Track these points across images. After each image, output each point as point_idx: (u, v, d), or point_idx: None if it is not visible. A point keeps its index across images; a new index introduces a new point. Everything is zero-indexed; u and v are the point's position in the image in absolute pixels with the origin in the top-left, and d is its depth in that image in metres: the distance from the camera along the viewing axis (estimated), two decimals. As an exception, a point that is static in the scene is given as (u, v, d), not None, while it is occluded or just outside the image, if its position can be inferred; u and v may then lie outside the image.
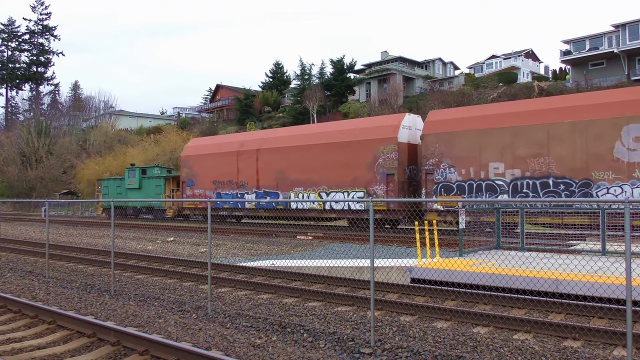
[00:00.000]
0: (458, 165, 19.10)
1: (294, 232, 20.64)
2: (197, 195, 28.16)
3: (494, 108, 20.55)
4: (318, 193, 23.12)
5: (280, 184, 24.54)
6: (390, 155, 20.80)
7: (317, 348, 6.16)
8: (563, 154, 16.92)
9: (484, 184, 18.51)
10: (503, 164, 18.11)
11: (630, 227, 4.71)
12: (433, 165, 19.71)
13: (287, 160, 24.23)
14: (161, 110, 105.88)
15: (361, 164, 21.57)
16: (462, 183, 18.99)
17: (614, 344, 6.28)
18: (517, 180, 17.82)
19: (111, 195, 35.46)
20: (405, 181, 21.01)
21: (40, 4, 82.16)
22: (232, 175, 26.71)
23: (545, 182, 17.23)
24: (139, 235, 21.75)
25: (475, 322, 7.32)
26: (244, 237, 19.88)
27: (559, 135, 17.04)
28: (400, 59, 59.22)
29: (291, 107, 57.48)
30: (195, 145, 30.28)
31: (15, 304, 8.01)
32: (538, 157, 17.39)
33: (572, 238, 16.03)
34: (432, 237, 12.67)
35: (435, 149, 19.65)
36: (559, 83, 47.76)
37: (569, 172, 16.82)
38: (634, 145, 15.74)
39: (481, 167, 18.57)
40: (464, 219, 11.90)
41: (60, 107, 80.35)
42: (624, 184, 15.88)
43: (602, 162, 16.22)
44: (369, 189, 21.32)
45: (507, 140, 18.02)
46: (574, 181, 16.74)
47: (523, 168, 17.69)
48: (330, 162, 22.56)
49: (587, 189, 16.49)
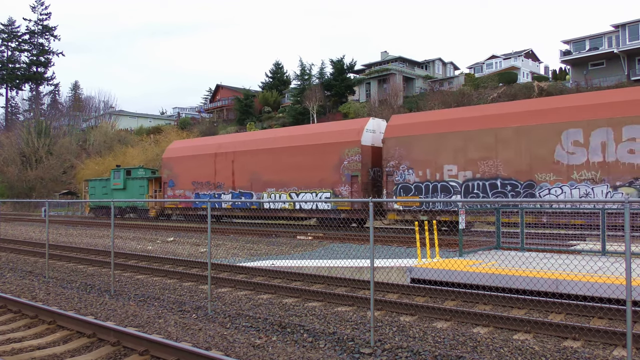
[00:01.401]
0: (416, 167, 20.11)
1: (294, 232, 20.67)
2: (177, 195, 29.27)
3: (449, 113, 21.62)
4: (289, 193, 24.06)
5: (254, 184, 25.69)
6: (355, 158, 21.81)
7: (317, 348, 6.16)
8: (509, 157, 17.93)
9: (439, 185, 19.52)
10: (456, 166, 19.12)
11: (630, 227, 4.72)
12: (393, 167, 20.70)
13: (261, 162, 25.34)
14: (161, 110, 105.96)
15: (328, 166, 22.58)
16: (419, 184, 20.02)
17: (614, 344, 6.28)
18: (468, 182, 18.84)
19: (97, 195, 36.32)
20: (369, 182, 21.95)
21: (40, 4, 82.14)
22: (209, 177, 27.85)
23: (494, 183, 18.26)
24: (139, 236, 21.75)
25: (475, 322, 7.32)
26: (244, 237, 19.88)
27: (505, 139, 18.05)
28: (400, 59, 59.20)
29: (291, 107, 57.47)
30: (175, 148, 31.46)
31: (15, 304, 8.01)
32: (487, 160, 18.41)
33: (572, 238, 16.05)
34: (432, 237, 12.68)
35: (396, 152, 20.62)
36: (559, 83, 47.76)
37: (515, 174, 17.82)
38: (572, 149, 16.78)
39: (437, 169, 19.61)
40: (463, 219, 11.90)
41: (60, 107, 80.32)
42: (563, 185, 16.92)
43: (544, 165, 17.20)
44: (335, 189, 22.38)
45: (460, 143, 19.03)
46: (520, 182, 17.74)
47: (474, 170, 18.71)
48: (300, 164, 23.60)
49: (531, 190, 17.48)
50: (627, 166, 15.89)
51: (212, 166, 27.73)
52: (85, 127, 69.34)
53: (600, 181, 16.34)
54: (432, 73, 61.93)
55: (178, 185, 29.53)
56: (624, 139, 15.93)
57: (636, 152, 15.73)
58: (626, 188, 15.93)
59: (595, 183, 16.42)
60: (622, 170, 15.95)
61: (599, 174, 16.34)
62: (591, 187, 16.46)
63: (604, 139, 16.27)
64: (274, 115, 61.69)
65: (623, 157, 15.95)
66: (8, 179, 56.47)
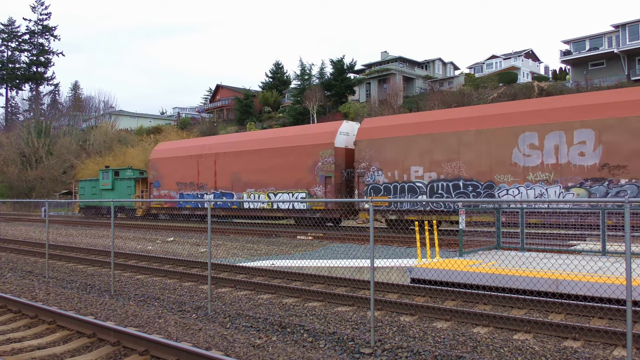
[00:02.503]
0: (385, 168, 20.80)
1: (294, 232, 20.69)
2: (162, 195, 30.10)
3: (416, 117, 22.60)
4: (267, 194, 24.88)
5: (234, 185, 26.50)
6: (328, 160, 22.56)
7: (317, 348, 6.16)
8: (471, 158, 18.68)
9: (406, 185, 20.26)
10: (422, 168, 19.88)
11: (630, 227, 4.71)
12: (364, 168, 21.41)
13: (241, 164, 26.18)
14: (161, 110, 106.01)
15: (304, 167, 23.35)
16: (388, 185, 20.71)
17: (614, 344, 6.28)
18: (433, 182, 19.62)
19: (87, 195, 36.94)
20: (342, 183, 22.71)
21: (40, 4, 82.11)
22: (193, 177, 28.73)
23: (457, 184, 19.02)
24: (139, 236, 21.75)
25: (475, 322, 7.31)
26: (244, 237, 19.88)
27: (467, 142, 18.78)
28: (400, 59, 59.20)
29: (291, 107, 57.47)
30: (161, 149, 32.31)
31: (15, 304, 8.00)
32: (451, 162, 19.17)
33: (572, 238, 16.06)
34: (432, 237, 12.67)
35: (366, 154, 21.32)
36: (559, 83, 47.77)
37: (476, 175, 18.59)
38: (528, 152, 17.52)
39: (404, 171, 20.36)
40: (463, 219, 11.90)
41: (60, 107, 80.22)
42: (520, 186, 17.67)
43: (503, 167, 17.96)
44: (310, 190, 23.15)
45: (426, 146, 19.75)
46: (480, 183, 18.50)
47: (438, 171, 19.48)
48: (277, 166, 24.42)
49: (490, 191, 18.26)
50: (578, 168, 16.68)
51: (195, 167, 28.56)
52: (85, 127, 69.25)
53: (554, 182, 17.08)
54: (432, 73, 61.92)
55: (163, 185, 30.40)
56: (575, 142, 16.70)
57: (586, 155, 16.48)
58: (577, 189, 16.70)
59: (549, 184, 17.15)
60: (574, 172, 16.74)
61: (552, 176, 17.09)
62: (545, 187, 17.20)
63: (557, 142, 17.01)
64: (274, 115, 61.69)
65: (574, 159, 16.74)
66: (8, 179, 56.43)
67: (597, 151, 16.34)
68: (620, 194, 15.85)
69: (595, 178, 16.39)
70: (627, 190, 15.79)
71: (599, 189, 16.29)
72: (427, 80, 59.72)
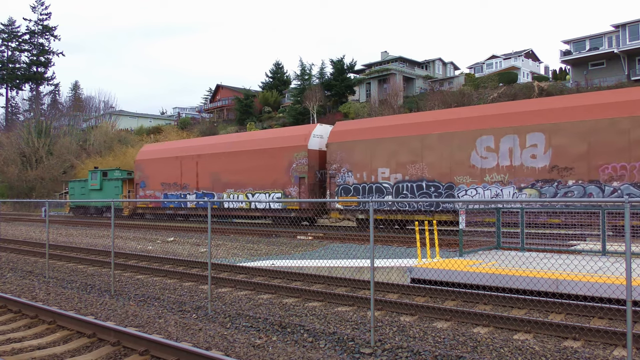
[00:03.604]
0: (354, 170, 21.69)
1: (294, 232, 20.70)
2: (147, 195, 31.14)
3: (384, 121, 23.43)
4: (245, 194, 25.84)
5: (215, 185, 27.49)
6: (302, 161, 23.48)
7: (317, 348, 6.16)
8: (433, 160, 19.53)
9: (374, 186, 21.08)
10: (389, 169, 20.73)
11: (630, 227, 4.71)
12: (335, 170, 22.36)
13: (221, 165, 27.19)
14: (161, 110, 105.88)
15: (279, 169, 24.31)
16: (357, 185, 21.60)
17: (614, 344, 6.28)
18: (399, 183, 20.43)
19: (76, 195, 37.80)
20: (316, 183, 23.63)
21: (40, 4, 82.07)
22: (176, 178, 29.78)
23: (420, 185, 19.85)
24: (139, 236, 21.75)
25: (476, 322, 7.31)
26: (244, 237, 19.89)
27: (430, 144, 19.64)
28: (400, 59, 59.18)
29: (291, 107, 57.45)
30: (147, 151, 33.44)
31: (16, 304, 8.00)
32: (415, 164, 20.01)
33: (572, 238, 16.07)
34: (432, 237, 12.67)
35: (337, 156, 22.27)
36: (559, 83, 47.75)
37: (438, 176, 19.42)
38: (485, 154, 18.37)
39: (372, 172, 21.19)
40: (464, 219, 11.89)
41: (61, 107, 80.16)
42: (478, 187, 18.50)
43: (462, 168, 18.82)
44: (285, 190, 24.10)
45: (392, 148, 20.60)
46: (441, 184, 19.33)
47: (403, 172, 20.31)
48: (255, 167, 25.42)
49: (451, 191, 19.09)
50: (530, 170, 17.48)
51: (178, 168, 29.57)
52: (85, 127, 69.22)
53: (508, 183, 17.88)
54: (432, 73, 61.91)
55: (149, 186, 31.43)
56: (528, 145, 17.49)
57: (537, 157, 17.27)
58: (529, 189, 17.49)
59: (504, 185, 17.96)
60: (526, 173, 17.52)
61: (507, 177, 17.90)
62: (501, 188, 18.02)
63: (511, 145, 17.82)
64: (274, 115, 61.66)
65: (527, 162, 17.53)
66: (8, 179, 56.41)
67: (547, 154, 17.14)
68: (567, 194, 16.70)
69: (545, 179, 17.14)
70: (574, 191, 16.64)
71: (548, 190, 17.07)
72: (427, 80, 59.70)
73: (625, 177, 15.80)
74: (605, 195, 15.99)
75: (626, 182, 15.76)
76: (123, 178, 34.76)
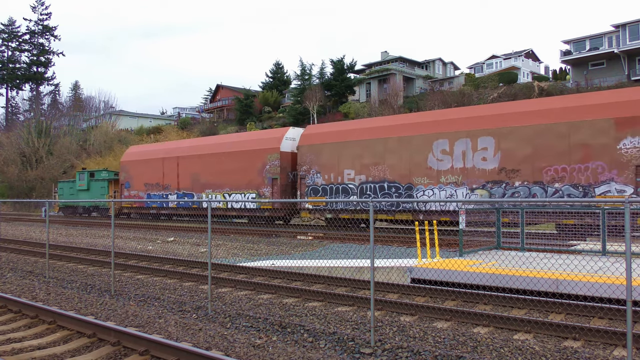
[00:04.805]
0: (323, 171, 22.69)
1: (294, 232, 20.72)
2: (132, 195, 32.30)
3: (350, 124, 24.85)
4: (223, 194, 26.89)
5: (195, 186, 28.59)
6: (275, 163, 24.49)
7: (318, 348, 6.16)
8: (394, 163, 20.47)
9: (340, 187, 22.09)
10: (354, 171, 21.71)
11: (630, 227, 4.72)
12: (305, 171, 23.34)
13: (200, 166, 28.27)
14: (161, 110, 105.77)
15: (254, 170, 25.35)
16: (325, 186, 22.55)
17: (614, 344, 6.28)
18: (363, 184, 21.34)
19: (65, 196, 38.63)
20: (288, 184, 24.59)
21: (41, 4, 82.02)
22: (159, 179, 30.92)
23: (382, 186, 20.76)
24: (139, 236, 21.75)
25: (476, 322, 7.32)
26: (244, 237, 19.89)
27: (392, 147, 20.55)
28: (400, 59, 59.17)
29: (291, 107, 57.44)
30: (131, 152, 34.67)
31: (16, 304, 8.01)
32: (377, 165, 20.92)
33: (572, 238, 16.10)
34: (432, 237, 12.67)
35: (307, 158, 23.25)
36: (559, 83, 47.73)
37: (398, 177, 20.35)
38: (441, 157, 19.30)
39: (339, 173, 22.20)
40: (464, 219, 11.89)
41: (61, 107, 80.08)
42: (434, 188, 19.40)
43: (420, 170, 19.77)
44: (259, 190, 25.13)
45: (357, 151, 21.56)
46: (401, 185, 20.22)
47: (367, 174, 21.24)
48: (232, 168, 26.45)
49: (410, 192, 19.97)
50: (480, 171, 18.38)
51: (161, 169, 30.71)
52: (85, 127, 69.20)
53: (462, 184, 18.75)
54: (432, 73, 61.89)
55: (133, 186, 32.52)
56: (479, 148, 18.41)
57: (487, 160, 18.21)
58: (480, 190, 18.37)
59: (458, 186, 18.83)
60: (477, 175, 18.44)
61: (460, 178, 18.81)
62: (455, 189, 18.90)
63: (464, 148, 18.72)
64: (274, 115, 61.65)
65: (478, 164, 18.44)
66: (8, 179, 56.40)
67: (496, 156, 18.06)
68: (514, 194, 17.57)
69: (495, 180, 18.05)
70: (520, 192, 17.46)
71: (497, 190, 17.97)
72: (427, 80, 59.68)
73: (565, 179, 16.70)
74: (548, 196, 16.95)
75: (566, 183, 16.66)
76: (109, 179, 35.85)
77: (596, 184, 16.14)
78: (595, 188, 16.13)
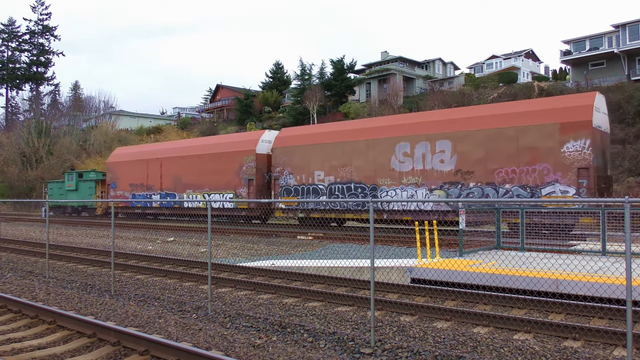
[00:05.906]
0: (295, 172, 23.63)
1: (294, 232, 20.71)
2: (118, 195, 33.38)
3: (320, 128, 25.88)
4: (202, 194, 27.84)
5: (177, 186, 29.62)
6: (251, 164, 25.52)
7: (317, 348, 6.16)
8: (360, 164, 21.35)
9: (311, 187, 22.97)
10: (323, 172, 22.58)
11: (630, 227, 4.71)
12: (279, 172, 24.32)
13: (182, 168, 29.36)
14: (161, 110, 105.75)
15: (231, 171, 26.31)
16: (297, 187, 23.48)
17: (614, 344, 6.28)
18: (332, 185, 22.24)
19: (55, 196, 39.61)
20: (263, 185, 25.61)
21: (41, 4, 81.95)
22: (143, 179, 31.93)
23: (349, 186, 21.65)
24: (139, 236, 21.75)
25: (476, 322, 7.32)
26: (244, 237, 19.90)
27: (358, 150, 21.45)
28: (400, 59, 59.16)
29: (291, 107, 57.42)
30: (118, 154, 35.85)
31: (16, 304, 8.01)
32: (345, 167, 21.83)
33: (572, 238, 16.11)
34: (432, 237, 12.67)
35: (281, 160, 24.22)
36: (559, 83, 47.71)
37: (364, 178, 21.22)
38: (402, 159, 20.12)
39: (309, 175, 23.09)
40: (464, 219, 11.90)
41: (61, 107, 80.00)
42: (397, 188, 20.22)
43: (384, 172, 20.60)
44: (237, 191, 26.07)
45: (326, 153, 22.45)
46: (367, 186, 21.09)
47: (335, 175, 22.15)
48: (211, 169, 27.44)
49: (375, 192, 20.79)
50: (439, 173, 19.19)
51: (145, 170, 31.67)
52: (85, 127, 69.17)
53: (422, 185, 19.58)
54: (432, 73, 61.88)
55: (119, 186, 33.54)
56: (437, 151, 19.23)
57: (445, 162, 19.03)
58: (438, 191, 19.19)
59: (418, 187, 19.66)
60: (436, 177, 19.24)
61: (420, 179, 19.63)
62: (415, 190, 19.74)
63: (424, 151, 19.54)
64: (274, 115, 61.64)
65: (436, 166, 19.26)
66: (8, 179, 56.39)
67: (453, 159, 18.86)
68: (469, 195, 18.36)
69: (452, 182, 18.87)
70: (475, 192, 18.25)
71: (454, 191, 18.77)
72: (427, 80, 59.66)
73: (515, 180, 17.45)
74: (500, 196, 17.66)
75: (516, 184, 17.42)
76: (97, 179, 36.83)
77: (542, 185, 16.84)
78: (541, 189, 16.84)
